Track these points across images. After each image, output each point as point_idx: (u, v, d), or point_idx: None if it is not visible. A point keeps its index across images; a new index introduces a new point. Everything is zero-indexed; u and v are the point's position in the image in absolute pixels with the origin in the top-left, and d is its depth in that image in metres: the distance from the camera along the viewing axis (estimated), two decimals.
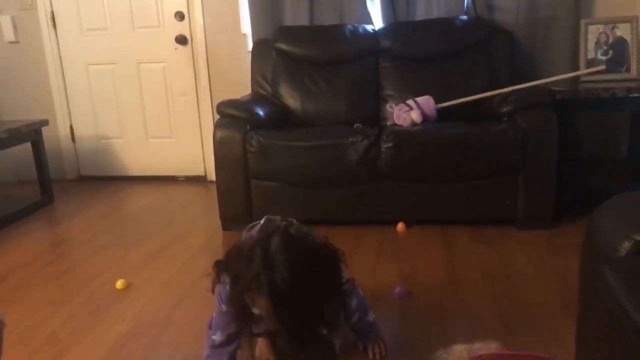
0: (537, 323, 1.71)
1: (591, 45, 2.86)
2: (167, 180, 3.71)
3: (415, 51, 3.00)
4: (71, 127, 3.79)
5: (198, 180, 3.70)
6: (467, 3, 3.11)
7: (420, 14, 3.16)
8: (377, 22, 3.21)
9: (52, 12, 3.60)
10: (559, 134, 2.40)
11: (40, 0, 3.57)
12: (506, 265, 2.17)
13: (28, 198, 3.24)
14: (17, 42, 3.66)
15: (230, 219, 2.67)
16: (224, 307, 1.40)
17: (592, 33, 2.87)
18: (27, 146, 3.22)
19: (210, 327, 1.46)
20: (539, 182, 2.44)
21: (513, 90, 2.65)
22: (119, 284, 2.11)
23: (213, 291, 1.41)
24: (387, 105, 2.89)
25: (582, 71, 2.82)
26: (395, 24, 3.15)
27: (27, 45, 3.67)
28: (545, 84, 2.70)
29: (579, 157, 2.60)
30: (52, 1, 3.59)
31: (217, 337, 1.42)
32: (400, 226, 2.57)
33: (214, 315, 1.46)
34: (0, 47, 3.68)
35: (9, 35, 3.64)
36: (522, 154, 2.41)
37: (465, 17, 3.04)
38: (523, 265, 2.17)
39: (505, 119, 2.55)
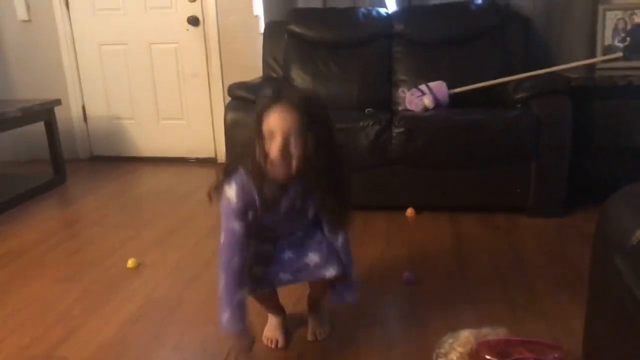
0: (545, 310, 1.71)
1: (608, 32, 2.81)
2: (178, 161, 3.72)
3: (429, 36, 2.96)
4: (83, 107, 3.81)
5: (209, 162, 3.71)
6: None
7: None
8: (391, 5, 3.17)
9: None
10: (573, 121, 2.38)
11: None
12: (516, 252, 2.16)
13: (41, 177, 3.28)
14: (29, 21, 3.67)
15: None
16: (235, 223, 1.36)
17: (610, 19, 2.82)
18: (40, 125, 3.24)
19: (221, 255, 1.39)
20: (551, 169, 2.43)
21: (527, 77, 2.62)
22: (130, 263, 2.14)
23: (210, 198, 1.39)
24: (400, 90, 2.87)
25: (599, 58, 2.78)
26: (409, 8, 3.11)
27: (40, 25, 3.68)
28: (561, 70, 2.66)
29: (592, 145, 2.57)
30: None
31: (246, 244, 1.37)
32: (410, 212, 2.57)
33: (222, 241, 1.39)
34: (14, 26, 3.69)
35: (22, 14, 3.65)
36: (535, 142, 2.39)
37: (480, 2, 2.99)
38: (533, 252, 2.16)
39: (519, 105, 2.52)
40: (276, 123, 1.23)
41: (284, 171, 1.27)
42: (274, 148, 1.23)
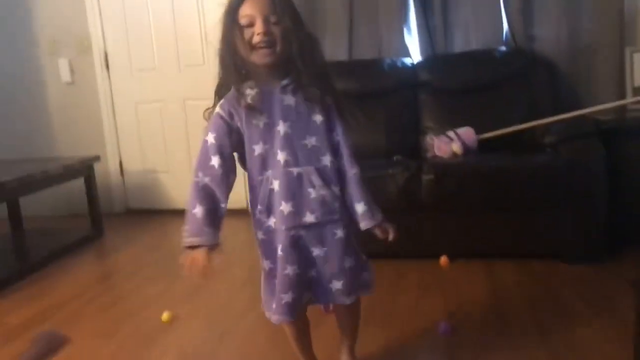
0: None
1: (637, 74, 2.79)
2: None
3: (455, 83, 3.00)
4: (120, 162, 3.96)
5: (240, 212, 3.75)
6: (506, 34, 3.11)
7: (458, 47, 3.18)
8: (415, 55, 3.24)
9: (106, 54, 3.82)
10: (609, 164, 2.34)
11: (95, 43, 3.80)
12: (556, 301, 2.09)
13: (79, 231, 3.38)
14: (72, 83, 3.89)
15: None
16: (209, 135, 1.36)
17: (638, 61, 2.80)
18: (79, 180, 3.37)
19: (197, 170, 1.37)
20: (588, 214, 2.37)
21: (556, 121, 2.60)
22: (165, 316, 2.15)
23: (208, 117, 1.40)
24: (427, 137, 2.89)
25: (628, 100, 2.75)
26: (434, 57, 3.17)
27: (82, 86, 3.89)
28: (590, 113, 2.64)
29: (630, 187, 2.51)
30: (106, 44, 3.81)
31: (215, 162, 1.35)
32: (443, 260, 2.53)
33: (199, 156, 1.38)
34: (58, 88, 3.92)
35: (66, 76, 3.88)
36: (568, 186, 2.35)
37: (504, 48, 3.04)
38: (574, 301, 2.08)
39: (549, 149, 2.50)
40: (253, 8, 1.28)
41: (270, 54, 1.30)
42: (257, 30, 1.28)
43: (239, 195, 3.74)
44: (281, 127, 1.35)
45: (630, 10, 2.92)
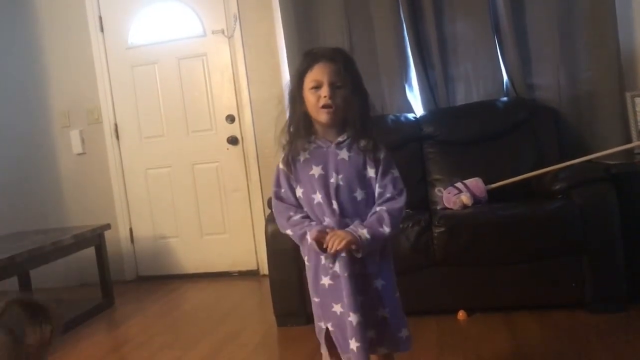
0: None
1: None
2: (221, 275, 3.75)
3: (459, 135, 3.02)
4: (130, 229, 3.97)
5: (251, 274, 3.72)
6: (506, 84, 3.17)
7: (460, 99, 3.23)
8: (418, 110, 3.29)
9: (116, 124, 3.92)
10: (623, 208, 2.30)
11: (105, 114, 3.90)
12: (581, 353, 2.01)
13: (90, 301, 3.34)
14: (84, 153, 3.97)
15: (285, 314, 2.64)
16: (275, 187, 1.55)
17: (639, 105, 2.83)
18: (90, 249, 3.36)
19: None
20: (605, 261, 2.32)
21: (564, 167, 2.60)
22: None
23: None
24: (436, 190, 2.89)
25: (635, 143, 2.75)
26: (437, 110, 3.21)
27: (92, 156, 3.97)
28: (597, 158, 2.64)
29: None
30: (116, 114, 3.92)
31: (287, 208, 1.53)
32: (461, 314, 2.46)
33: (275, 207, 1.56)
34: (69, 159, 4.00)
35: (77, 148, 3.96)
36: (582, 232, 2.32)
37: (505, 99, 3.08)
38: (600, 353, 2.00)
39: (560, 196, 2.48)
40: (321, 74, 1.44)
41: (332, 113, 1.44)
42: (322, 93, 1.43)
43: (249, 258, 3.76)
44: (334, 179, 1.47)
45: (627, 55, 2.98)
